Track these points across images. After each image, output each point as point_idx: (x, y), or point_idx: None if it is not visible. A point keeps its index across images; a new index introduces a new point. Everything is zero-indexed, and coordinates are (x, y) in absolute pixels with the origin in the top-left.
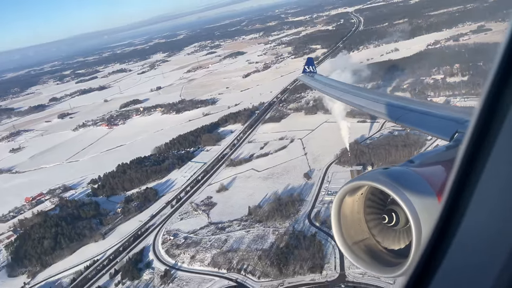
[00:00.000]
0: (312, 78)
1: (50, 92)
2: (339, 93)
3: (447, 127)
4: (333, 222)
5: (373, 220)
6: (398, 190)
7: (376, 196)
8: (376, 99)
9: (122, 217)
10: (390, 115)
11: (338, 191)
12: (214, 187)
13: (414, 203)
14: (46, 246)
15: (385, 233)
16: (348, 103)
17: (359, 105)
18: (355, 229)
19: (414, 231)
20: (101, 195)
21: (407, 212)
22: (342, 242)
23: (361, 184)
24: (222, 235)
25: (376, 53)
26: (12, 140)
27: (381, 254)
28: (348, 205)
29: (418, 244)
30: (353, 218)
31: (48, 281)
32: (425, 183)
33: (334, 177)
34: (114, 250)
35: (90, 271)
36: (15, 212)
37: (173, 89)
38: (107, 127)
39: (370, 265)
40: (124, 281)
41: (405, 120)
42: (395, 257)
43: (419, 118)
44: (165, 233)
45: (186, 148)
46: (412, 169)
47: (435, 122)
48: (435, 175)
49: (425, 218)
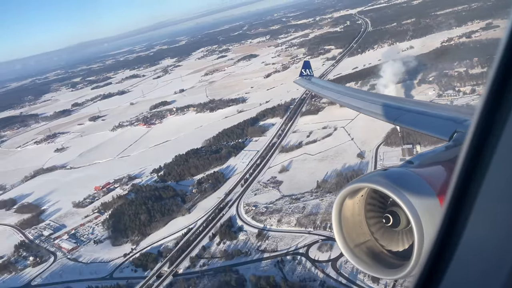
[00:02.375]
0: (309, 81)
1: (67, 99)
2: (336, 96)
3: (445, 127)
4: (334, 225)
5: (374, 222)
6: (398, 192)
7: (376, 197)
8: (373, 101)
9: (199, 196)
10: (388, 116)
11: (337, 194)
12: (275, 169)
13: (414, 204)
14: (143, 220)
15: (386, 235)
16: (345, 105)
17: (357, 107)
18: (357, 232)
19: (416, 233)
20: (169, 181)
21: (408, 213)
22: (344, 245)
23: (361, 186)
24: (299, 203)
25: (392, 51)
26: (52, 142)
27: (383, 256)
28: (349, 208)
29: (420, 245)
30: (354, 220)
31: (153, 246)
32: (425, 183)
33: (386, 155)
34: (202, 221)
35: (189, 236)
36: (90, 199)
37: (196, 91)
38: (145, 126)
39: (373, 267)
40: (224, 241)
41: (403, 121)
42: (397, 259)
43: (417, 118)
44: (245, 205)
45: (234, 140)
46: (412, 170)
47: (433, 122)
48: (435, 175)
49: (426, 219)
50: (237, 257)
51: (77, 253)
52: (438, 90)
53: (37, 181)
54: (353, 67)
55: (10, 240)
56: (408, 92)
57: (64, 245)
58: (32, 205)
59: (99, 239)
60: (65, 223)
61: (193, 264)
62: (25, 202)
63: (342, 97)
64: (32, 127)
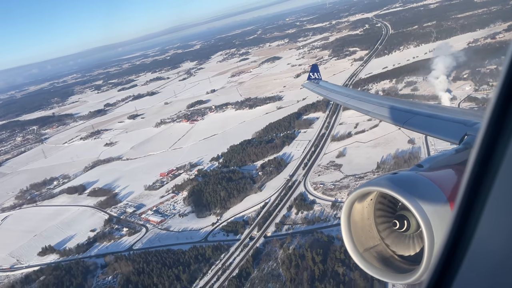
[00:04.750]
0: (317, 85)
1: (95, 100)
2: (344, 99)
3: (455, 129)
4: (343, 229)
5: (383, 226)
6: (408, 195)
7: (385, 201)
8: (381, 104)
9: (265, 177)
10: (397, 119)
11: (346, 198)
12: (331, 155)
13: (424, 208)
14: (223, 196)
15: (396, 239)
16: (354, 108)
17: (365, 110)
18: (366, 236)
19: (426, 237)
20: (231, 167)
21: (418, 217)
22: (353, 249)
23: (370, 190)
24: (364, 181)
25: (419, 52)
26: (97, 138)
27: (393, 261)
28: (358, 212)
29: (431, 250)
30: (363, 224)
31: (236, 217)
32: (435, 187)
33: (436, 141)
34: (275, 197)
35: (267, 209)
36: (159, 183)
37: (227, 91)
38: (188, 122)
39: (382, 272)
40: (302, 211)
41: (412, 124)
42: (407, 263)
43: (426, 121)
44: (312, 184)
45: (283, 132)
46: (421, 174)
47: (442, 125)
48: (446, 179)
49: (436, 223)
50: (317, 223)
51: (166, 225)
52: (474, 85)
53: (97, 170)
54: (383, 67)
55: (94, 217)
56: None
57: (152, 218)
58: (102, 190)
59: (183, 213)
60: (143, 202)
61: (279, 229)
62: (95, 188)
63: (350, 100)
64: (71, 125)
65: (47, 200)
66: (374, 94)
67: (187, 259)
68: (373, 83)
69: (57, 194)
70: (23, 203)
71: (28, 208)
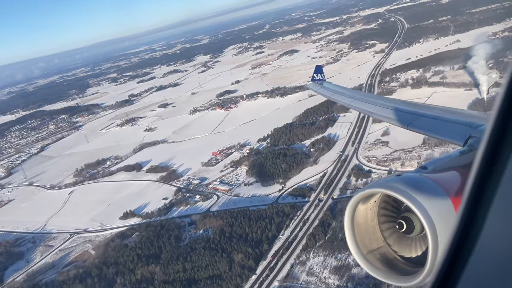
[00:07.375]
0: (321, 86)
1: (116, 91)
2: (348, 100)
3: (460, 131)
4: (347, 231)
5: (387, 228)
6: (412, 197)
7: (389, 203)
8: (385, 105)
9: (318, 153)
10: (401, 121)
11: (350, 199)
12: (375, 134)
13: (429, 210)
14: (284, 168)
15: (400, 241)
16: (357, 109)
17: (369, 112)
18: (369, 238)
19: (430, 239)
20: (281, 146)
21: (422, 219)
22: (357, 251)
23: (374, 191)
24: (413, 153)
25: (439, 45)
26: (134, 124)
27: (397, 263)
28: (362, 213)
29: (435, 252)
30: (367, 226)
31: (299, 184)
32: (439, 189)
33: None
34: (332, 168)
35: (327, 178)
36: (214, 160)
37: (252, 82)
38: (222, 110)
39: (386, 274)
40: (361, 179)
41: (416, 126)
42: (411, 266)
43: (431, 123)
44: (365, 157)
45: (322, 116)
46: (426, 176)
47: (447, 127)
48: (450, 181)
49: (441, 226)
50: None
51: (234, 192)
52: (499, 73)
53: (145, 152)
54: (406, 58)
55: (161, 189)
56: (473, 76)
57: (220, 187)
58: (160, 167)
59: (248, 183)
60: (204, 176)
61: (343, 193)
62: (152, 165)
63: (354, 101)
64: (101, 114)
65: (107, 177)
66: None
67: (269, 215)
68: (400, 73)
69: (115, 172)
70: (84, 180)
71: (90, 184)
